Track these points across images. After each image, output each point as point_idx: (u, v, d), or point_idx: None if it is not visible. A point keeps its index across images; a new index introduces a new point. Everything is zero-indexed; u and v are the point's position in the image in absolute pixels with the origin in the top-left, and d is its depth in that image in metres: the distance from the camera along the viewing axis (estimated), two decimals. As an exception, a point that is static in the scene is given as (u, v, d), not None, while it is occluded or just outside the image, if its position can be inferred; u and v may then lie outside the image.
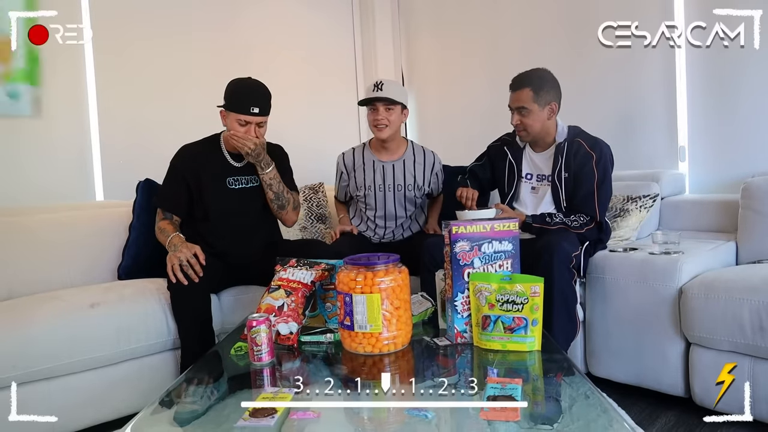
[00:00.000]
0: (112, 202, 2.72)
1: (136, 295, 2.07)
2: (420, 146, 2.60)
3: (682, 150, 2.73)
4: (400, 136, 2.57)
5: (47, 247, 2.32)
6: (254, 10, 3.42)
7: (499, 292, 1.54)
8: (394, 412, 1.22)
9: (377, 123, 2.42)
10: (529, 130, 2.17)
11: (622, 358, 2.10)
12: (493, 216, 1.92)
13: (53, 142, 2.73)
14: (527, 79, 2.15)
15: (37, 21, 2.14)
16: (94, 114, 2.84)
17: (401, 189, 2.53)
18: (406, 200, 2.54)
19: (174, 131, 3.07)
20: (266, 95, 2.15)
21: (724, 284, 1.86)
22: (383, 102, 2.39)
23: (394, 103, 2.39)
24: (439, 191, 2.63)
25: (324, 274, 1.79)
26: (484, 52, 3.51)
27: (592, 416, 1.17)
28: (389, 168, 2.53)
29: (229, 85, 2.15)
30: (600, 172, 2.13)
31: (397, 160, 2.53)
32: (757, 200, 2.24)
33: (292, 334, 1.64)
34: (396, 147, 2.54)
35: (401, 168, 2.53)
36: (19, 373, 1.74)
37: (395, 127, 2.45)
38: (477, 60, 3.55)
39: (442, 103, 3.74)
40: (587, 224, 2.12)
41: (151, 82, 3.02)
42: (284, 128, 3.49)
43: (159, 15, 3.05)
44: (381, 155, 2.54)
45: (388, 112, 2.40)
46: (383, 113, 2.40)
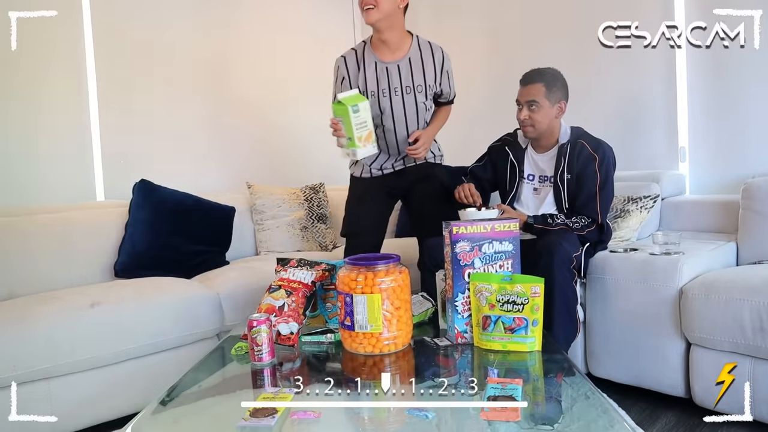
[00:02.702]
0: (111, 202, 2.73)
1: (136, 295, 2.08)
2: (426, 41, 2.26)
3: (682, 150, 2.73)
4: (402, 29, 2.21)
5: (47, 247, 2.33)
6: (254, 11, 3.42)
7: (500, 293, 1.54)
8: (394, 413, 1.22)
9: (364, 4, 2.09)
10: (537, 126, 2.16)
11: (623, 358, 2.10)
12: (496, 216, 1.93)
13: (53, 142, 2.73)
14: (540, 74, 2.14)
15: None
16: (95, 114, 2.84)
17: (410, 91, 2.20)
18: (417, 104, 2.21)
19: (174, 131, 3.09)
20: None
21: (725, 285, 1.85)
22: None
23: None
24: (450, 94, 2.32)
25: (324, 274, 1.79)
26: (485, 52, 3.51)
27: (593, 416, 1.17)
28: (394, 69, 2.19)
29: None
30: (602, 175, 2.13)
31: (402, 59, 2.20)
32: (757, 201, 2.23)
33: (292, 334, 1.64)
34: (398, 42, 2.19)
35: (407, 66, 2.19)
36: (19, 373, 1.74)
37: (385, 11, 2.09)
38: (477, 60, 3.55)
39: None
40: (588, 226, 2.12)
41: (152, 81, 3.01)
42: (284, 128, 3.52)
43: (159, 15, 3.05)
44: (383, 54, 2.20)
45: None
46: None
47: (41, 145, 2.69)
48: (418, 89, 2.19)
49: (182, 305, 2.12)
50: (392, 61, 2.19)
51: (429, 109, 2.26)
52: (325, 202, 3.09)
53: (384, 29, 2.15)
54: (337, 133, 2.03)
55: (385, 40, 2.17)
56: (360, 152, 1.99)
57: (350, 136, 1.97)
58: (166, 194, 2.61)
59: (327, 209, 3.08)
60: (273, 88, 3.47)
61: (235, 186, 3.11)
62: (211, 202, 2.73)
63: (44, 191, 2.68)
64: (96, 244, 2.45)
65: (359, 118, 1.96)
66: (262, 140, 3.42)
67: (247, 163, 3.32)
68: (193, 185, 2.80)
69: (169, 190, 2.64)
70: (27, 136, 2.66)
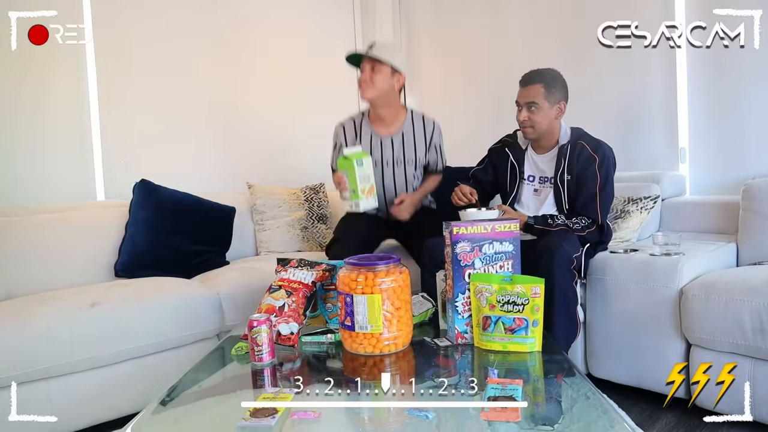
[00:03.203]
0: (111, 202, 2.73)
1: (136, 295, 2.08)
2: (420, 114, 2.43)
3: (682, 151, 2.73)
4: (397, 105, 2.39)
5: (47, 247, 2.33)
6: (255, 13, 3.41)
7: (500, 293, 1.54)
8: (394, 413, 1.22)
9: (361, 84, 2.28)
10: (537, 128, 2.16)
11: (623, 359, 2.10)
12: (496, 217, 1.93)
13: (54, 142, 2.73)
14: (539, 75, 2.14)
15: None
16: (95, 114, 2.84)
17: (401, 164, 2.38)
18: (407, 177, 2.38)
19: (174, 131, 3.09)
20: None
21: (725, 285, 1.85)
22: (368, 60, 2.26)
23: (379, 62, 2.24)
24: (437, 167, 2.46)
25: (325, 274, 1.79)
26: (485, 53, 3.51)
27: (593, 417, 1.17)
28: (387, 142, 2.37)
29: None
30: (602, 176, 2.13)
31: (396, 133, 2.38)
32: (757, 202, 2.23)
33: (292, 335, 1.64)
34: (393, 117, 2.38)
35: (400, 141, 2.37)
36: (19, 373, 1.74)
37: (380, 90, 2.27)
38: (478, 61, 3.55)
39: (443, 103, 3.73)
40: (588, 227, 2.11)
41: (152, 81, 3.01)
42: (284, 129, 3.52)
43: (160, 15, 3.05)
44: (379, 127, 2.39)
45: (372, 72, 2.26)
46: (367, 72, 2.26)
47: (41, 145, 2.69)
48: (408, 162, 2.39)
49: (182, 305, 2.12)
50: (387, 135, 2.38)
51: (418, 179, 2.44)
52: (326, 203, 3.09)
53: (380, 106, 2.33)
54: (341, 186, 2.20)
55: (381, 115, 2.36)
56: (363, 204, 2.18)
57: (354, 188, 2.16)
58: (166, 194, 2.61)
59: (327, 209, 3.08)
60: (274, 88, 3.47)
61: (235, 186, 3.11)
62: (211, 202, 2.73)
63: (44, 191, 2.68)
64: (96, 244, 2.45)
65: (363, 172, 2.16)
66: (263, 140, 3.42)
67: (247, 163, 3.31)
68: (193, 185, 2.80)
69: (169, 190, 2.64)
70: (27, 136, 2.66)
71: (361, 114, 2.45)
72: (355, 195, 2.16)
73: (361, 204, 2.17)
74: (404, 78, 2.34)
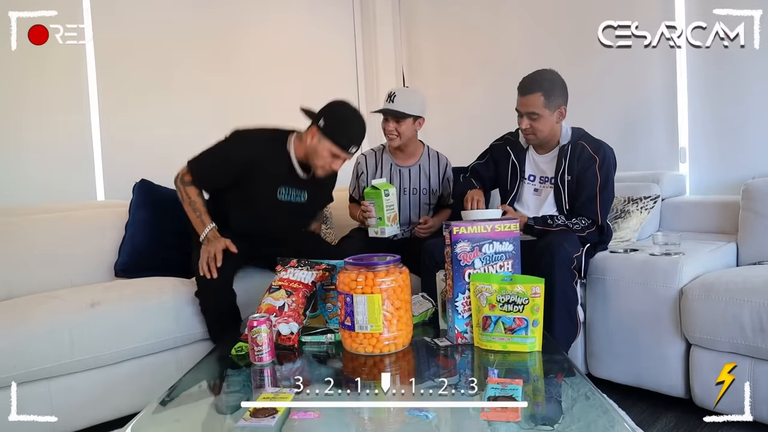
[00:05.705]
0: (111, 202, 2.72)
1: (136, 295, 2.08)
2: (435, 151, 2.66)
3: (682, 151, 2.73)
4: (416, 141, 2.62)
5: (47, 247, 2.32)
6: (255, 12, 3.41)
7: (500, 293, 1.54)
8: (394, 413, 1.22)
9: (387, 134, 2.50)
10: (538, 135, 2.16)
11: (623, 359, 2.10)
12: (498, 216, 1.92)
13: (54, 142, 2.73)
14: (537, 83, 2.11)
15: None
16: (95, 114, 2.84)
17: (416, 193, 2.59)
18: (420, 204, 2.59)
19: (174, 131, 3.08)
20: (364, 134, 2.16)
21: (725, 285, 1.85)
22: (392, 114, 2.44)
23: (404, 116, 2.43)
24: (448, 200, 2.64)
25: (325, 274, 1.79)
26: (485, 53, 3.51)
27: (593, 417, 1.17)
28: (405, 172, 2.59)
29: (336, 110, 2.14)
30: (603, 176, 2.12)
31: (414, 164, 2.60)
32: (757, 201, 2.23)
33: (292, 335, 1.64)
34: (412, 151, 2.61)
35: (417, 172, 2.60)
36: (19, 373, 1.74)
37: (406, 137, 2.50)
38: (478, 60, 3.55)
39: (443, 103, 3.73)
40: (589, 227, 2.11)
41: (152, 81, 3.01)
42: (285, 128, 3.51)
43: (160, 15, 3.05)
44: (398, 159, 2.61)
45: (398, 123, 2.46)
46: (393, 125, 2.47)
47: (41, 145, 2.69)
48: (423, 191, 2.59)
49: (182, 305, 2.11)
50: (405, 165, 2.60)
51: (431, 209, 2.63)
52: (326, 203, 3.08)
53: (404, 146, 2.55)
54: (368, 214, 2.39)
55: (402, 149, 2.57)
56: (388, 230, 2.38)
57: (380, 216, 2.36)
58: (166, 194, 2.61)
59: (327, 209, 3.07)
60: (274, 87, 3.47)
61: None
62: (211, 202, 2.73)
63: (44, 191, 2.67)
64: (96, 244, 2.44)
65: (389, 201, 2.36)
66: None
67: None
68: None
69: (170, 190, 2.63)
70: (27, 136, 2.66)
71: (381, 146, 2.67)
72: (382, 222, 2.37)
73: (387, 230, 2.37)
74: (424, 120, 2.53)
